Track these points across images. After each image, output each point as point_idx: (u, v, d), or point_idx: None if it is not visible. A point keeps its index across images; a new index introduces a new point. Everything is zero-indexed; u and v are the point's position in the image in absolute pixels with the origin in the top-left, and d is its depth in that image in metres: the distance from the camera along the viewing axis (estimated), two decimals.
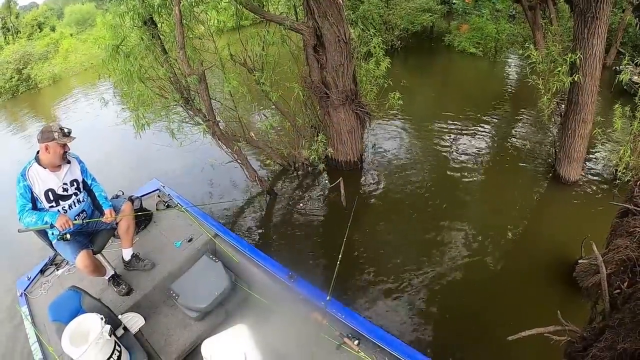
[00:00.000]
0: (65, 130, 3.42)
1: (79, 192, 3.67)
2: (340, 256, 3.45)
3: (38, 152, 3.41)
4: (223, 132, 6.01)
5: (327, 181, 7.23)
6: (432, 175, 7.28)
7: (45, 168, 3.41)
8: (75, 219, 3.56)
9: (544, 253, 5.29)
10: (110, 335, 3.03)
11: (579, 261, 4.75)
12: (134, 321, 3.74)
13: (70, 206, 3.57)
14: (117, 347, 3.15)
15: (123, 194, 5.17)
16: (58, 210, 3.47)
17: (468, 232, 5.82)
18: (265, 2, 6.11)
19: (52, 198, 3.43)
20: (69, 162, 3.59)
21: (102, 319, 3.07)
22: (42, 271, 4.41)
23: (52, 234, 3.57)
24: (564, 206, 6.26)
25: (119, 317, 3.55)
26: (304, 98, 6.86)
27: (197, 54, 5.69)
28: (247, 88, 6.48)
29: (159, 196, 5.29)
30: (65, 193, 3.53)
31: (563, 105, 6.63)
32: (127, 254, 4.15)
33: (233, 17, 6.16)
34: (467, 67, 13.75)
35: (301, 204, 6.63)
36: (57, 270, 4.39)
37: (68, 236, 3.38)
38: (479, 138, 8.50)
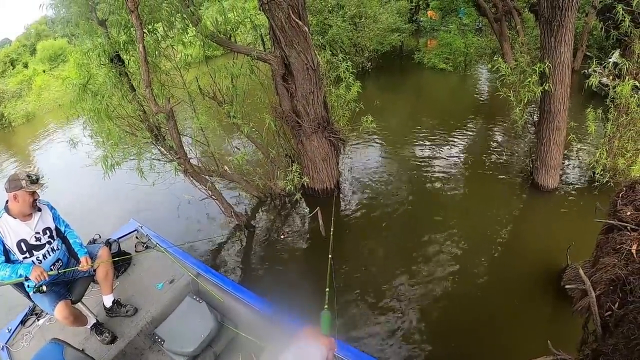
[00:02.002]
0: (33, 177, 3.35)
1: (52, 241, 3.57)
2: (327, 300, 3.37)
3: (7, 202, 3.31)
4: (195, 169, 5.90)
5: (305, 210, 7.14)
6: (411, 193, 7.24)
7: (15, 218, 3.33)
8: (51, 269, 3.48)
9: (530, 262, 5.27)
10: None
11: (566, 270, 4.70)
12: None
13: (44, 256, 3.47)
14: None
15: (100, 237, 5.08)
16: (32, 261, 3.37)
17: (452, 247, 5.78)
18: (232, 34, 6.07)
19: (25, 249, 3.34)
20: (39, 209, 3.51)
21: None
22: (22, 322, 4.25)
23: (28, 285, 3.46)
24: (545, 214, 6.27)
25: None
26: (276, 128, 6.78)
27: (165, 90, 5.62)
28: (218, 121, 6.40)
29: (137, 237, 5.15)
30: (38, 242, 3.43)
31: (536, 115, 6.69)
32: (107, 300, 4.03)
33: (201, 49, 6.12)
34: (439, 82, 13.88)
35: (281, 236, 6.50)
36: (38, 320, 4.25)
37: (44, 288, 3.30)
38: (455, 152, 8.52)
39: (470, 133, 9.34)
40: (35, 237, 3.41)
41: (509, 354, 4.14)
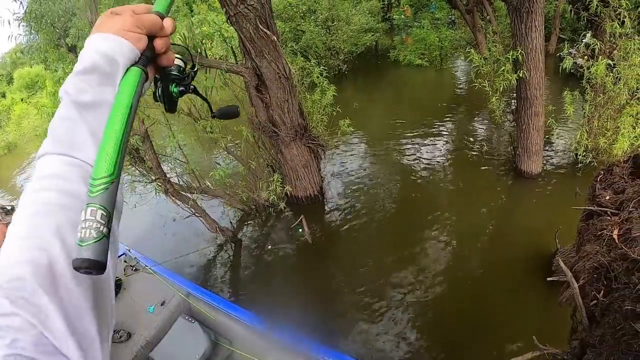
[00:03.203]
0: (8, 208, 3.22)
1: None
2: None
3: None
4: (176, 188, 5.82)
5: (290, 219, 7.06)
6: (397, 191, 7.22)
7: None
8: None
9: (521, 249, 5.27)
10: None
11: (556, 255, 4.70)
12: None
13: None
14: None
15: None
16: None
17: (441, 241, 5.77)
18: (203, 48, 5.99)
19: None
20: None
21: None
22: None
23: None
24: (532, 200, 6.27)
25: None
26: (254, 139, 6.74)
27: (139, 111, 5.53)
28: (196, 138, 6.32)
29: (125, 261, 5.06)
30: None
31: (514, 102, 6.69)
32: None
33: None
34: (416, 79, 13.87)
35: (268, 247, 6.45)
36: None
37: None
38: (437, 147, 8.49)
39: (451, 126, 9.34)
40: None
41: (505, 345, 4.12)
